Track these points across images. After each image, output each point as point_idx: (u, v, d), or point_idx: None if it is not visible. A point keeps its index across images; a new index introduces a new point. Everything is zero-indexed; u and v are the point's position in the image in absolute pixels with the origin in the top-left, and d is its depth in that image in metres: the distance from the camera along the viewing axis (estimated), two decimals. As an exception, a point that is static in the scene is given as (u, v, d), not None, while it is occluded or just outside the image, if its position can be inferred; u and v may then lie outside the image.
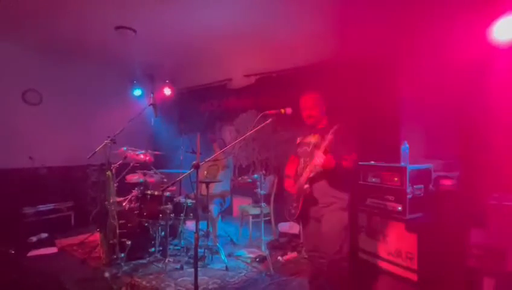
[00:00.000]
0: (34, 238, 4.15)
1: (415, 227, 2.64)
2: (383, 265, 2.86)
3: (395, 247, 2.77)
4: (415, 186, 2.73)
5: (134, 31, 4.05)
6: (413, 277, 2.61)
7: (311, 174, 2.15)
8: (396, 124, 3.35)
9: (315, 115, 2.25)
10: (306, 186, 2.16)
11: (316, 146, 2.15)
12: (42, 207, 4.57)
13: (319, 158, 2.02)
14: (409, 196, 2.68)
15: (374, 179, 2.95)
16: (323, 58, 3.91)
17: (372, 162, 3.01)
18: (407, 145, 2.87)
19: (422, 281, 2.57)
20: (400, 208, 2.71)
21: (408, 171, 2.69)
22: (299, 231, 3.72)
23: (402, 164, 2.82)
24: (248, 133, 2.09)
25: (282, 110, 2.11)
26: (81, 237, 4.09)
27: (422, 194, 2.78)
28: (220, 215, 4.06)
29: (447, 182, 2.77)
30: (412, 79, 3.11)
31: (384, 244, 2.87)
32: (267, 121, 2.09)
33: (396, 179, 2.77)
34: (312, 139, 2.26)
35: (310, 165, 2.14)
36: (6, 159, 4.49)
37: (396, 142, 3.22)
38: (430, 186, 2.83)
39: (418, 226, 2.64)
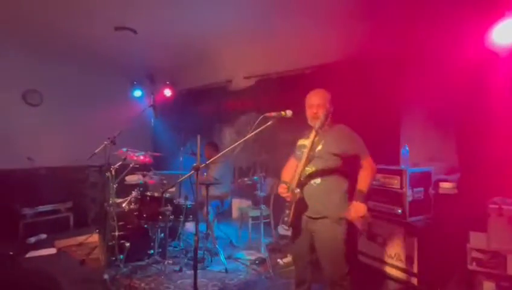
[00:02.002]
0: (33, 239, 4.14)
1: (415, 230, 2.64)
2: (383, 268, 2.85)
3: (395, 250, 2.77)
4: (415, 189, 2.73)
5: (135, 31, 4.05)
6: (414, 280, 2.61)
7: (302, 178, 1.99)
8: (397, 126, 3.36)
9: (322, 115, 2.05)
10: (297, 190, 1.98)
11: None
12: (41, 208, 4.55)
13: (357, 213, 1.90)
14: (409, 199, 2.68)
15: (373, 182, 2.94)
16: (323, 60, 3.91)
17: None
18: (408, 148, 2.87)
19: (423, 284, 2.56)
20: (400, 211, 2.71)
21: (408, 174, 2.69)
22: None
23: (402, 166, 2.82)
24: (247, 136, 2.05)
25: (283, 113, 2.00)
26: (80, 238, 4.07)
27: (422, 197, 2.78)
28: (215, 219, 4.04)
29: (447, 185, 2.77)
30: (413, 82, 3.12)
31: (384, 248, 2.86)
32: (267, 124, 2.04)
33: (396, 181, 2.77)
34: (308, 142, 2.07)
35: (299, 167, 1.99)
36: (6, 159, 4.48)
37: (397, 145, 3.22)
38: (430, 189, 2.83)
39: (418, 230, 2.64)
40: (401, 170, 2.75)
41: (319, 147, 2.03)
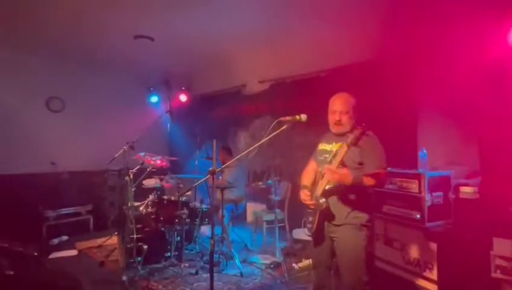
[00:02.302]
0: (55, 241, 4.29)
1: (435, 236, 2.57)
2: (401, 274, 2.79)
3: (414, 256, 2.70)
4: (434, 193, 2.66)
5: (152, 39, 4.17)
6: (433, 287, 2.54)
7: (327, 187, 1.95)
8: (414, 129, 3.29)
9: (345, 122, 2.02)
10: (322, 200, 1.96)
11: (335, 157, 1.92)
12: (63, 211, 4.71)
13: (331, 173, 1.82)
14: (427, 204, 2.62)
15: (390, 186, 2.90)
16: (338, 63, 3.89)
17: (389, 168, 2.95)
18: (425, 151, 2.81)
19: (443, 292, 2.49)
20: (418, 215, 2.65)
21: (427, 177, 2.63)
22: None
23: (420, 170, 2.76)
24: (262, 141, 2.06)
25: (298, 117, 2.00)
26: (99, 240, 4.19)
27: (441, 202, 2.70)
28: (230, 223, 4.06)
29: (468, 190, 2.69)
30: (431, 82, 3.06)
31: (402, 253, 2.80)
32: (282, 128, 2.03)
33: (414, 185, 2.71)
34: (335, 148, 2.02)
35: (325, 178, 1.95)
36: (31, 164, 4.69)
37: (414, 148, 3.16)
38: (450, 193, 2.76)
39: (438, 235, 2.57)
40: (419, 173, 2.69)
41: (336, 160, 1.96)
